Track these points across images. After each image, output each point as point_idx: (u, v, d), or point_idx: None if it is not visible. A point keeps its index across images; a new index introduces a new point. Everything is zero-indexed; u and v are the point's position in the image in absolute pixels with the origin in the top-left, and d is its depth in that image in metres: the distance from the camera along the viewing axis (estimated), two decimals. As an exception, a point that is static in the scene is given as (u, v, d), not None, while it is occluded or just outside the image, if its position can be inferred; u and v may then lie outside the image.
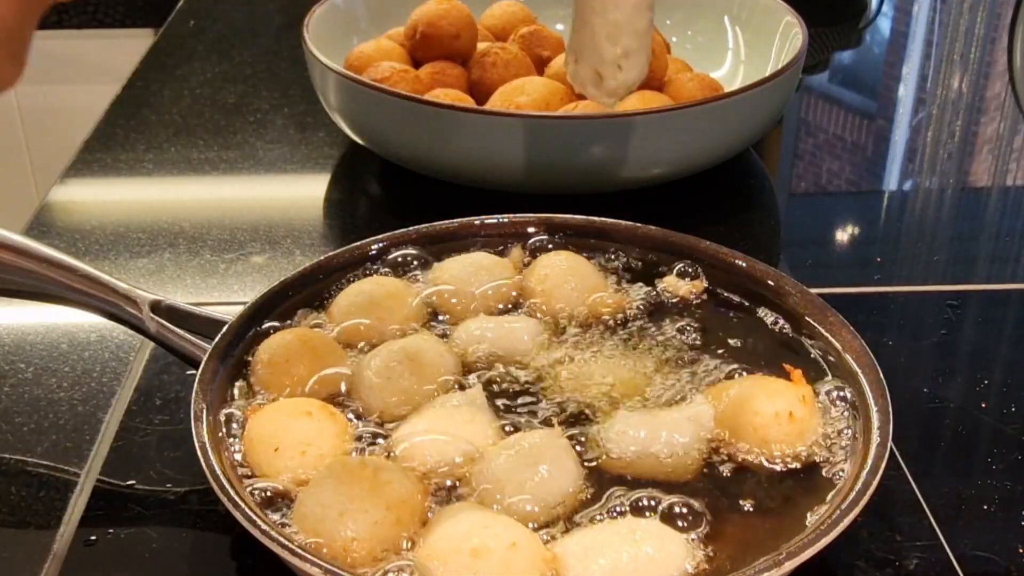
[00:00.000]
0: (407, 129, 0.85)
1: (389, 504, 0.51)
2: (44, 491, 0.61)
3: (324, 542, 0.50)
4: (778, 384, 0.58)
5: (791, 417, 0.56)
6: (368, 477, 0.52)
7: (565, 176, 0.83)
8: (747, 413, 0.56)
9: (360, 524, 0.50)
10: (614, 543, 0.49)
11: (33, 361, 0.71)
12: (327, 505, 0.51)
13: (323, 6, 0.99)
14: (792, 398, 0.56)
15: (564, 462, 0.54)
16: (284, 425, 0.55)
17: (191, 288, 0.80)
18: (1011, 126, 1.12)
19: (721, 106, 0.84)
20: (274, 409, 0.57)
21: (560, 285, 0.67)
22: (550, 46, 0.98)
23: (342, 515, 0.50)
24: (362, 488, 0.51)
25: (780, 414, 0.56)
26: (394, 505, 0.51)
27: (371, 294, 0.65)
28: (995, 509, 0.60)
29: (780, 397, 0.57)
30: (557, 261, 0.68)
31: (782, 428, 0.56)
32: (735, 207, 0.91)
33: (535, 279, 0.67)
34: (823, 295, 0.65)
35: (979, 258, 0.88)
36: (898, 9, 1.42)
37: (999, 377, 0.71)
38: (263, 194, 0.96)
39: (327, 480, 0.52)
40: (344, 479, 0.52)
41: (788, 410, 0.56)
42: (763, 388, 0.58)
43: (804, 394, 0.57)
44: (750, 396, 0.57)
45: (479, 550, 0.48)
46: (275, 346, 0.61)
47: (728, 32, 1.07)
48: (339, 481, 0.52)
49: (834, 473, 0.54)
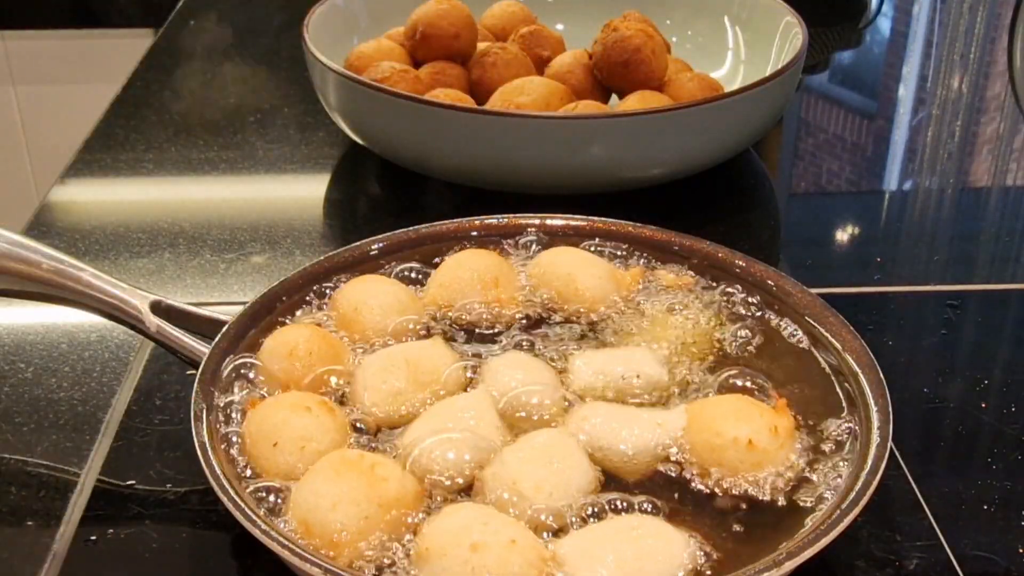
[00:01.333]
0: (407, 129, 0.85)
1: (382, 502, 0.51)
2: (44, 491, 0.61)
3: (313, 531, 0.50)
4: (753, 408, 0.56)
5: (750, 445, 0.54)
6: (366, 472, 0.51)
7: (565, 176, 0.83)
8: (708, 431, 0.55)
9: (350, 517, 0.50)
10: (614, 541, 0.49)
11: (33, 361, 0.71)
12: (320, 495, 0.51)
13: (323, 6, 0.99)
14: (761, 426, 0.55)
15: (578, 460, 0.54)
16: (284, 420, 0.55)
17: (191, 288, 0.80)
18: (1011, 126, 1.12)
19: (721, 106, 0.84)
20: (274, 403, 0.57)
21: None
22: (550, 46, 0.98)
23: (334, 507, 0.50)
24: (358, 482, 0.51)
25: (739, 440, 0.54)
26: (387, 503, 0.51)
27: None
28: (995, 509, 0.60)
29: (748, 423, 0.55)
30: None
31: (738, 454, 0.54)
32: (735, 207, 0.91)
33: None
34: (823, 295, 0.65)
35: (979, 258, 0.88)
36: (898, 9, 1.42)
37: (999, 377, 0.71)
38: (263, 194, 0.96)
39: (324, 470, 0.52)
40: (341, 471, 0.51)
41: (748, 437, 0.54)
42: (735, 409, 0.56)
43: (778, 425, 0.55)
44: (718, 413, 0.56)
45: (478, 545, 0.48)
46: (283, 339, 0.61)
47: (728, 32, 1.07)
48: (336, 473, 0.51)
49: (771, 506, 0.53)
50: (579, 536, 0.50)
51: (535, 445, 0.54)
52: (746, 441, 0.54)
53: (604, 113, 0.87)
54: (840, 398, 0.59)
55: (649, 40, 0.91)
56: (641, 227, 0.71)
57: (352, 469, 0.52)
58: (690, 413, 0.57)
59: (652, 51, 0.90)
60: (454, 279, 0.66)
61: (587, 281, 0.66)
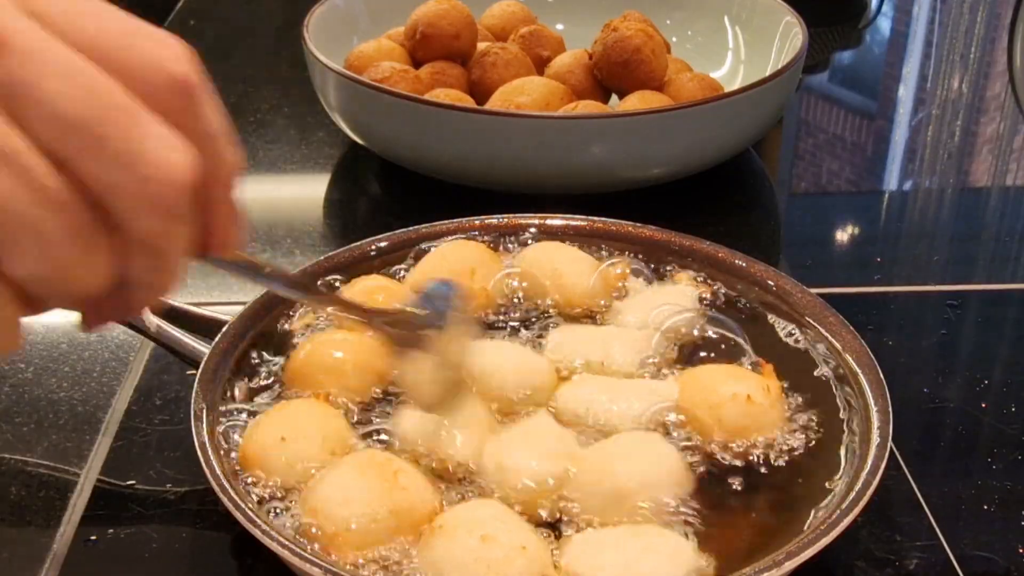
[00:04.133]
0: (407, 129, 0.85)
1: (394, 509, 0.50)
2: (44, 491, 0.61)
3: (317, 522, 0.50)
4: (745, 372, 0.59)
5: (749, 400, 0.56)
6: (388, 476, 0.51)
7: (565, 176, 0.83)
8: (706, 391, 0.57)
9: (359, 517, 0.50)
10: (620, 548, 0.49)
11: (33, 361, 0.71)
12: (336, 487, 0.50)
13: (323, 6, 0.99)
14: (755, 385, 0.57)
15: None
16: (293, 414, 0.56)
17: (191, 288, 0.79)
18: (1011, 126, 1.12)
19: (721, 106, 0.84)
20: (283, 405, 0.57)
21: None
22: (550, 46, 0.98)
23: (346, 502, 0.50)
24: (377, 484, 0.51)
25: (738, 395, 0.56)
26: (399, 511, 0.50)
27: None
28: (995, 509, 0.60)
29: (743, 382, 0.57)
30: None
31: (738, 409, 0.56)
32: (735, 207, 0.91)
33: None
34: (823, 295, 0.65)
35: (979, 258, 0.88)
36: (898, 9, 1.42)
37: (999, 377, 0.71)
38: (263, 194, 0.96)
39: (348, 466, 0.52)
40: (364, 470, 0.51)
41: (747, 393, 0.56)
42: (729, 372, 0.59)
43: (770, 385, 0.57)
44: (713, 376, 0.58)
45: (489, 538, 0.48)
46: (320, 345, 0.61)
47: (728, 32, 1.07)
48: (359, 471, 0.51)
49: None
50: (584, 546, 0.50)
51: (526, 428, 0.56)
52: (745, 396, 0.56)
53: (604, 113, 0.87)
54: (840, 398, 0.59)
55: (649, 40, 0.91)
56: (641, 227, 0.71)
57: (375, 470, 0.51)
58: (683, 380, 0.59)
59: (652, 51, 0.90)
60: (431, 268, 0.67)
61: (570, 277, 0.67)
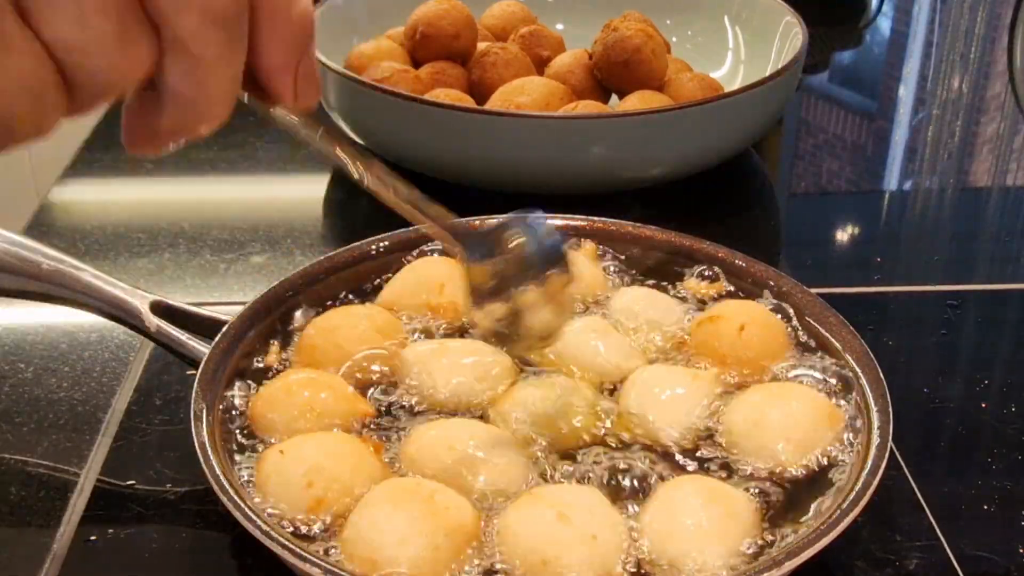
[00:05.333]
0: (407, 129, 0.85)
1: (448, 530, 0.49)
2: (44, 491, 0.61)
3: (380, 567, 0.48)
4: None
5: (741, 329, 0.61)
6: (425, 500, 0.50)
7: (565, 176, 0.83)
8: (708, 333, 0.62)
9: (421, 550, 0.48)
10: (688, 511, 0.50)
11: (33, 361, 0.71)
12: (384, 531, 0.48)
13: (323, 6, 0.99)
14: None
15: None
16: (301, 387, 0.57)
17: (191, 288, 0.80)
18: (1011, 126, 1.12)
19: (721, 106, 0.84)
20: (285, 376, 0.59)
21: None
22: (550, 46, 0.98)
23: (402, 542, 0.48)
24: (420, 512, 0.49)
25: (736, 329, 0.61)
26: (453, 531, 0.49)
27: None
28: (995, 509, 0.60)
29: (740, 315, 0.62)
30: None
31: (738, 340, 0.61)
32: (735, 207, 0.91)
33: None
34: (823, 295, 0.65)
35: (979, 258, 0.88)
36: (898, 9, 1.42)
37: (999, 377, 0.71)
38: (263, 194, 0.96)
39: (382, 503, 0.50)
40: (400, 503, 0.50)
41: (740, 323, 0.61)
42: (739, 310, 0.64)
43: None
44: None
45: (564, 517, 0.49)
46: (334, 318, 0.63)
47: (728, 32, 1.07)
48: (395, 505, 0.49)
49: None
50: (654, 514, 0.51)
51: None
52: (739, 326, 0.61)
53: (604, 113, 0.87)
54: (840, 398, 0.59)
55: (649, 40, 0.91)
56: (641, 227, 0.71)
57: (412, 499, 0.50)
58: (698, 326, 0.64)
59: (652, 51, 0.90)
60: (401, 283, 0.67)
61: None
